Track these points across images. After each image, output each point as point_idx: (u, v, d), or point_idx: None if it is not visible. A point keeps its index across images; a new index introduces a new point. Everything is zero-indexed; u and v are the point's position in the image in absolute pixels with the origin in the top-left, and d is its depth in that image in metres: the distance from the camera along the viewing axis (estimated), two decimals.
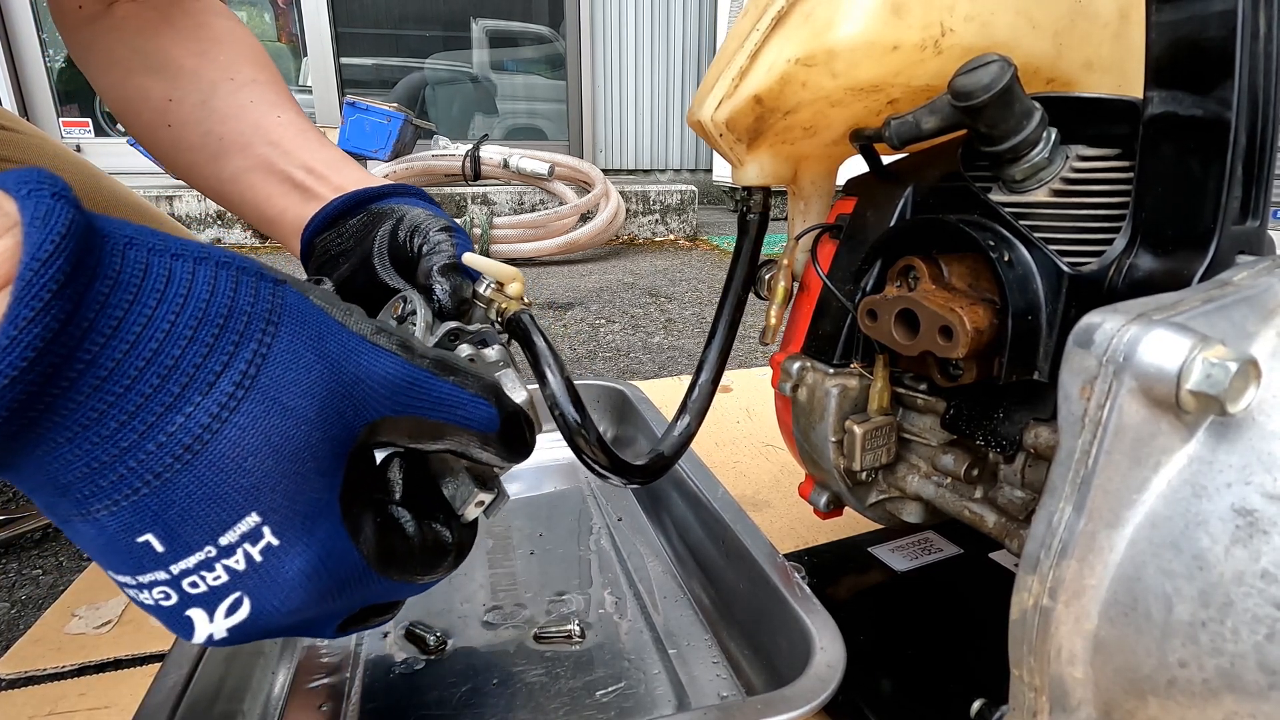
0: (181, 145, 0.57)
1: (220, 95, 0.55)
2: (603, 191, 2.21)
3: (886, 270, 0.42)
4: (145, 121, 0.58)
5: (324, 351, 0.25)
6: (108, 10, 0.58)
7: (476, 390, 0.30)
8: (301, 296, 0.26)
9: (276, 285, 0.25)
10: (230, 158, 0.54)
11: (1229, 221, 0.29)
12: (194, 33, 0.58)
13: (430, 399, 0.28)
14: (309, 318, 0.25)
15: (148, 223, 0.80)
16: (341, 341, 0.26)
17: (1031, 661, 0.26)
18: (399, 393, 0.27)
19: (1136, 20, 0.41)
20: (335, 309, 0.27)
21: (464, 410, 0.29)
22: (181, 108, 0.56)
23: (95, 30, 0.59)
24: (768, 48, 0.39)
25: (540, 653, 0.47)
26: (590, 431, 0.37)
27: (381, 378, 0.27)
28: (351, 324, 0.27)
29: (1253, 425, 0.23)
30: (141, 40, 0.57)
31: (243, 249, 2.23)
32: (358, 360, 0.26)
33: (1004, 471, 0.39)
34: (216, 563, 0.24)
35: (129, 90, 0.58)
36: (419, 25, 3.51)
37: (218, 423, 0.22)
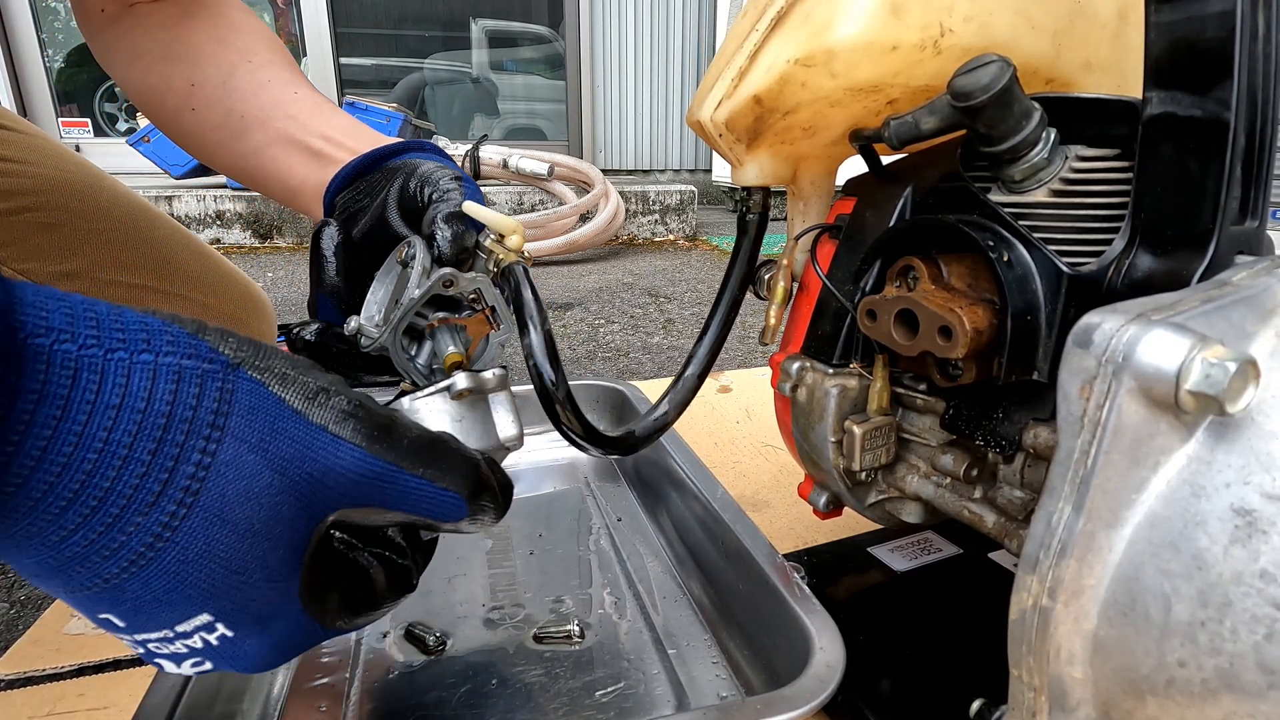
0: (205, 127, 0.58)
1: (239, 75, 0.57)
2: (602, 192, 2.22)
3: (886, 270, 0.42)
4: (170, 108, 0.60)
5: (274, 455, 0.24)
6: (129, 10, 0.60)
7: (450, 484, 0.28)
8: (255, 386, 0.24)
9: (227, 376, 0.23)
10: (252, 134, 0.55)
11: (1228, 221, 0.29)
12: (212, 22, 0.60)
13: (396, 493, 0.27)
14: (260, 414, 0.23)
15: (149, 223, 0.80)
16: (297, 439, 0.24)
17: (1031, 661, 0.26)
18: (362, 488, 0.26)
19: (1135, 21, 0.41)
20: (295, 392, 0.24)
21: (431, 505, 0.28)
22: (203, 90, 0.57)
23: (118, 29, 0.61)
24: (767, 48, 0.39)
25: (540, 653, 0.47)
26: (561, 389, 0.38)
27: (342, 474, 0.25)
28: (313, 413, 0.25)
29: (1251, 425, 0.23)
30: (162, 33, 0.59)
31: (241, 249, 2.23)
32: (315, 458, 0.24)
33: (1003, 471, 0.39)
34: (176, 640, 0.24)
35: (152, 80, 0.60)
36: (418, 25, 3.51)
37: (160, 541, 0.22)
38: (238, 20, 0.61)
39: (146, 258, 0.75)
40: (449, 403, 0.32)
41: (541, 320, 0.37)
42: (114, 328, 0.21)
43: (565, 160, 2.34)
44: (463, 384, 0.32)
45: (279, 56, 0.60)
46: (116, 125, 3.24)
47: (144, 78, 0.60)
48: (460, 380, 0.32)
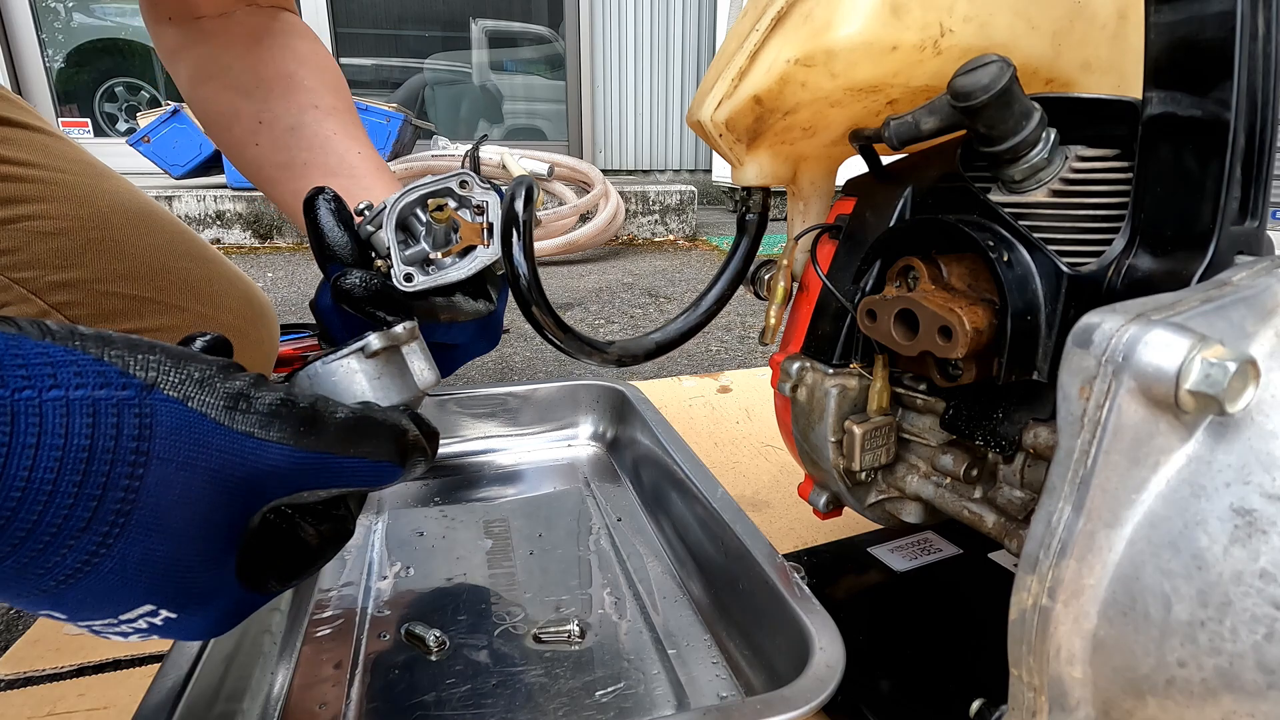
0: (266, 164, 0.62)
1: (307, 124, 0.60)
2: (602, 192, 2.22)
3: (886, 270, 0.42)
4: (235, 136, 0.63)
5: (203, 469, 0.24)
6: (196, 23, 0.62)
7: (382, 456, 0.29)
8: (173, 405, 0.24)
9: (143, 401, 0.23)
10: (313, 180, 0.58)
11: (1228, 222, 0.29)
12: (281, 53, 0.62)
13: (330, 475, 0.28)
14: (183, 432, 0.24)
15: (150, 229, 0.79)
16: (224, 449, 0.25)
17: (1030, 661, 0.26)
18: (296, 478, 0.27)
19: (1135, 21, 0.41)
20: (215, 403, 0.25)
21: (366, 477, 0.29)
22: (271, 131, 0.61)
23: (185, 39, 0.63)
24: (767, 48, 0.39)
25: (540, 653, 0.47)
26: (533, 287, 0.39)
27: (275, 472, 0.26)
28: (237, 420, 0.25)
29: (1251, 425, 0.23)
30: (230, 57, 0.62)
31: (241, 249, 2.23)
32: (244, 462, 0.25)
33: (1003, 471, 0.39)
34: (121, 624, 0.25)
35: (221, 106, 0.63)
36: (418, 25, 3.51)
37: (96, 557, 0.22)
38: (304, 53, 0.63)
39: (145, 268, 0.75)
40: (364, 362, 0.33)
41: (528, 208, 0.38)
42: (14, 365, 0.21)
43: (565, 160, 2.34)
44: (376, 344, 0.33)
45: (342, 102, 0.63)
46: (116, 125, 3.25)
47: (212, 101, 0.63)
48: (374, 341, 0.33)
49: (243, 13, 0.63)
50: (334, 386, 0.33)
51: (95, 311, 0.73)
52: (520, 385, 0.76)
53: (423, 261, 0.41)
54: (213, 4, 0.62)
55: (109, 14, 3.18)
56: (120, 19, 3.22)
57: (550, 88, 3.59)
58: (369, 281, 0.41)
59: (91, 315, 0.73)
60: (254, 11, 0.63)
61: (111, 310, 0.73)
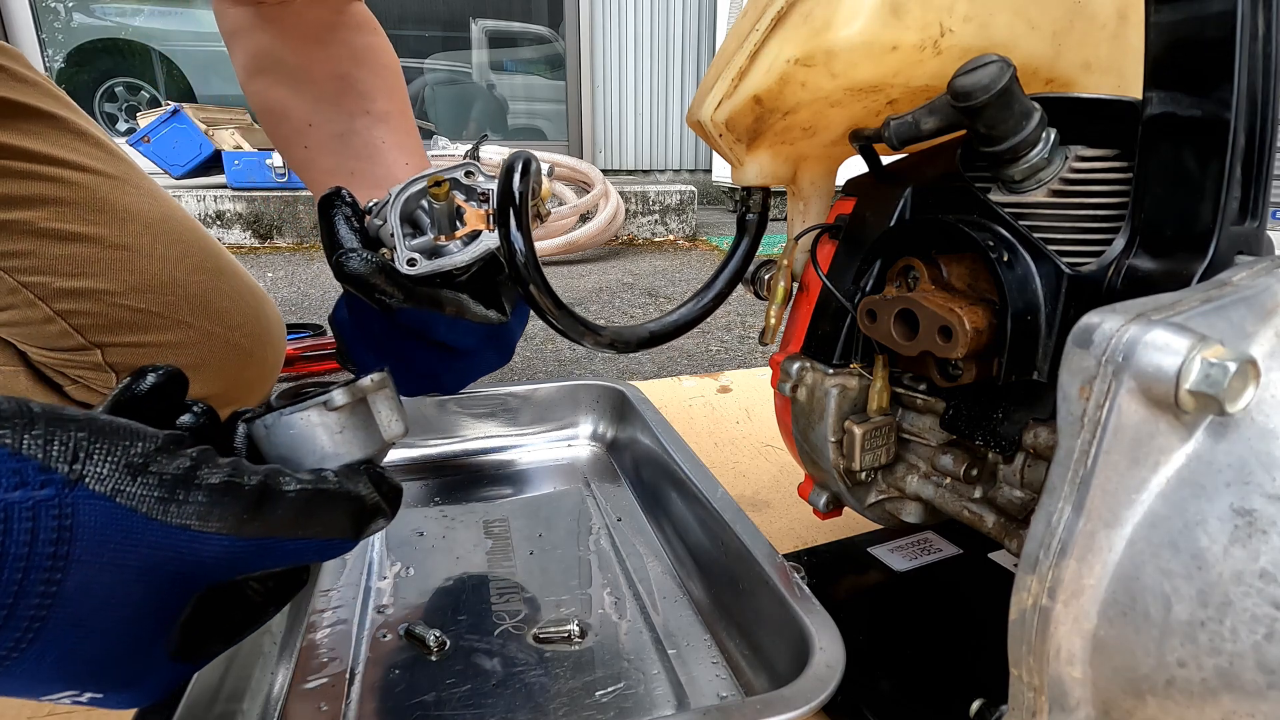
0: (314, 166, 0.61)
1: (358, 131, 0.59)
2: (602, 192, 2.22)
3: (886, 271, 0.42)
4: (283, 134, 0.62)
5: (131, 568, 0.22)
6: (255, 8, 0.61)
7: (334, 533, 0.27)
8: (99, 503, 0.22)
9: (64, 500, 0.21)
10: (359, 192, 0.60)
11: (1228, 222, 0.29)
12: (336, 51, 0.61)
13: (276, 556, 0.26)
14: (109, 532, 0.22)
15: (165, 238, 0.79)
16: (156, 545, 0.23)
17: (1030, 661, 0.26)
18: (238, 564, 0.25)
19: (1135, 21, 0.41)
20: (148, 494, 0.23)
21: (317, 553, 0.27)
22: (320, 135, 0.60)
23: (244, 20, 0.61)
24: (767, 48, 0.39)
25: (540, 653, 0.47)
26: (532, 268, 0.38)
27: (214, 562, 0.24)
28: (172, 513, 0.23)
29: (1251, 425, 0.23)
30: (285, 51, 0.61)
31: (241, 249, 2.23)
32: (180, 557, 0.23)
33: (1003, 472, 0.39)
34: (43, 698, 0.24)
35: (271, 101, 0.62)
36: (419, 25, 3.52)
37: (9, 659, 0.21)
38: (359, 50, 0.62)
39: (156, 281, 0.74)
40: (326, 415, 0.31)
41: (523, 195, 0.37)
42: None
43: (565, 160, 2.34)
44: (339, 399, 0.31)
45: (395, 104, 0.62)
46: (116, 125, 3.25)
47: (265, 94, 0.63)
48: (337, 396, 0.31)
49: (304, 2, 0.60)
50: (292, 440, 0.30)
51: (101, 322, 0.72)
52: (520, 385, 0.76)
53: (429, 251, 0.41)
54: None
55: (109, 14, 3.18)
56: (120, 19, 3.22)
57: (550, 88, 3.59)
58: (370, 261, 0.40)
59: (97, 325, 0.72)
60: (317, 1, 0.61)
61: (117, 321, 0.73)
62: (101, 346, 0.73)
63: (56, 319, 0.71)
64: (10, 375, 0.76)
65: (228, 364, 0.78)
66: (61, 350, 0.73)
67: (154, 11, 3.25)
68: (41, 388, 0.76)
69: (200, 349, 0.77)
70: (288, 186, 2.29)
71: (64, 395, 0.77)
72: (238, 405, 0.89)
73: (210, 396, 0.79)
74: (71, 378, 0.76)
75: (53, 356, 0.74)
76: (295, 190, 2.28)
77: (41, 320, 0.71)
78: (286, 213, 2.27)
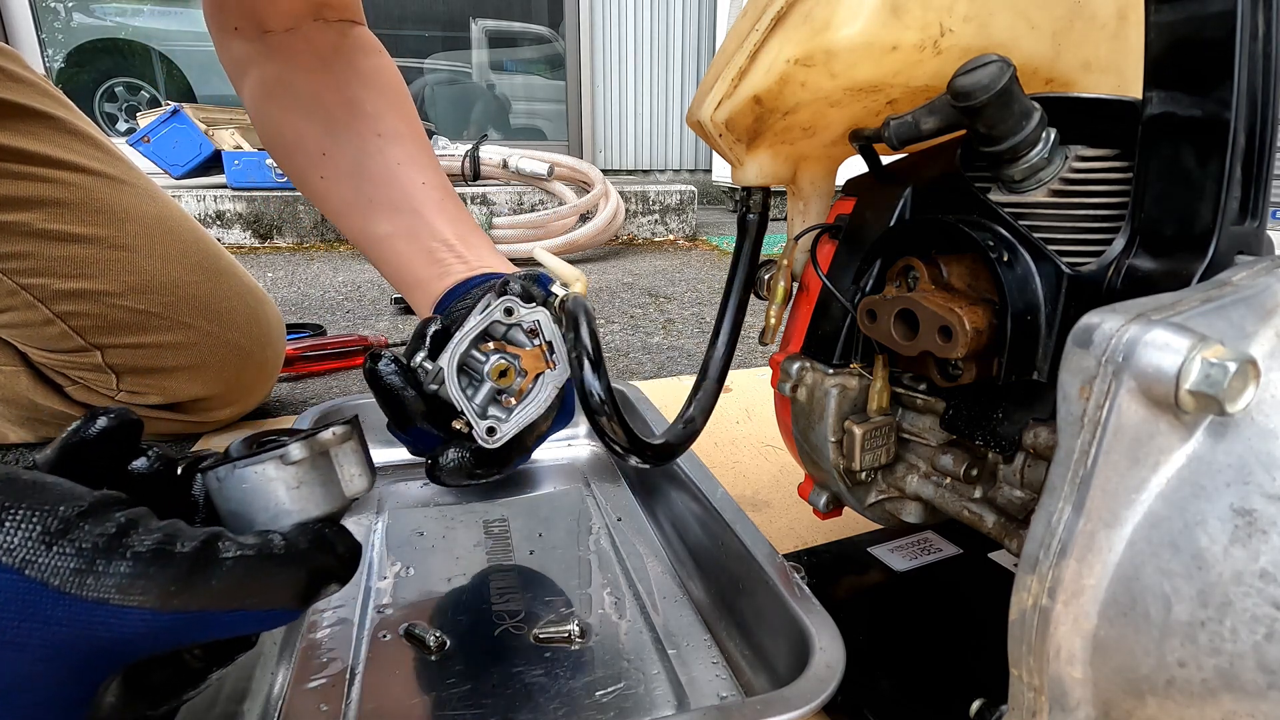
0: (332, 197, 0.61)
1: (371, 155, 0.59)
2: (602, 192, 2.21)
3: (886, 270, 0.42)
4: (298, 165, 0.62)
5: (35, 646, 0.20)
6: (261, 38, 0.61)
7: (276, 603, 0.25)
8: (7, 576, 0.20)
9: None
10: (378, 219, 0.58)
11: (1228, 222, 0.29)
12: (345, 76, 0.61)
13: (208, 628, 0.23)
14: (11, 607, 0.20)
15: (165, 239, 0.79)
16: (66, 621, 0.21)
17: (1030, 661, 0.26)
18: (163, 639, 0.23)
19: (1135, 21, 0.41)
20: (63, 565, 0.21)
21: (256, 625, 0.25)
22: (336, 164, 0.60)
23: (251, 52, 0.62)
24: (767, 48, 0.39)
25: (540, 653, 0.47)
26: (607, 400, 0.39)
27: (133, 639, 0.22)
28: (87, 587, 0.21)
29: (1251, 425, 0.23)
30: (295, 77, 0.61)
31: (241, 249, 2.24)
32: (93, 635, 0.21)
33: (1003, 472, 0.39)
34: None
35: (285, 130, 0.62)
36: (419, 25, 3.51)
37: None
38: (368, 73, 0.63)
39: (156, 282, 0.74)
40: (282, 470, 0.29)
41: (594, 344, 0.38)
42: None
43: (565, 160, 2.34)
44: (297, 454, 0.29)
45: (405, 123, 0.62)
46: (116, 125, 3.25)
47: (276, 123, 0.62)
48: (294, 450, 0.29)
49: (310, 28, 0.61)
50: (244, 495, 0.28)
51: (100, 324, 0.72)
52: None
53: (494, 398, 0.41)
54: (280, 17, 0.60)
55: (109, 14, 3.18)
56: (120, 19, 3.22)
57: (550, 88, 3.59)
58: (463, 460, 0.41)
59: (96, 327, 0.72)
60: (322, 27, 0.61)
61: (117, 323, 0.73)
62: (101, 348, 0.73)
63: (56, 321, 0.71)
64: (11, 375, 0.76)
65: (227, 364, 0.79)
66: (62, 352, 0.73)
67: (154, 11, 3.25)
68: (43, 388, 0.77)
69: (200, 349, 0.77)
70: (288, 186, 2.29)
71: (65, 396, 0.77)
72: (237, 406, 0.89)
73: (210, 397, 0.79)
74: (72, 379, 0.76)
75: (53, 358, 0.74)
76: (295, 190, 2.28)
77: (41, 322, 0.71)
78: (286, 213, 2.27)
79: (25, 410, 0.78)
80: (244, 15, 0.60)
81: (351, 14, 0.65)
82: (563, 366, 0.40)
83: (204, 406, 0.80)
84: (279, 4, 0.60)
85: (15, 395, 0.77)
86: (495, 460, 0.43)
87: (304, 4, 0.61)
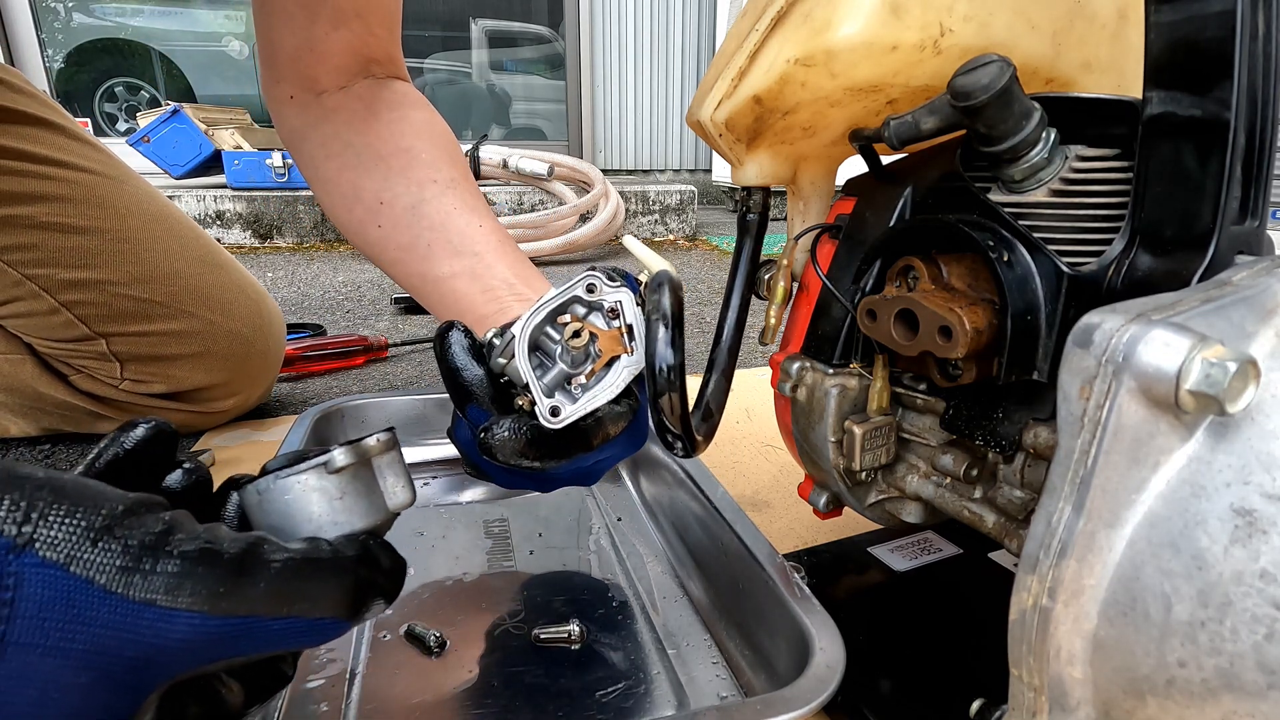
0: (389, 244, 0.61)
1: (428, 199, 0.59)
2: (602, 192, 2.21)
3: (886, 270, 0.42)
4: (357, 219, 0.62)
5: (78, 653, 0.19)
6: (317, 100, 0.62)
7: (325, 612, 0.24)
8: (47, 572, 0.19)
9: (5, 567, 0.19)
10: (438, 262, 0.58)
11: (1228, 221, 0.29)
12: (397, 126, 0.62)
13: (255, 640, 0.22)
14: (55, 608, 0.19)
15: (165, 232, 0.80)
16: (111, 624, 0.20)
17: (1031, 661, 0.26)
18: (209, 650, 0.22)
19: (1135, 21, 0.41)
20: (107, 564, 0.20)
21: (303, 638, 0.24)
22: (392, 211, 0.60)
23: (306, 119, 0.63)
24: (767, 48, 0.39)
25: (540, 653, 0.47)
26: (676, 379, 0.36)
27: (179, 647, 0.21)
28: (134, 587, 0.20)
29: (1252, 425, 0.23)
30: (351, 134, 0.61)
31: (241, 249, 2.24)
32: (139, 640, 0.20)
33: (1003, 471, 0.39)
34: None
35: (343, 186, 0.62)
36: (418, 25, 3.51)
37: None
38: (419, 123, 0.63)
39: (159, 271, 0.76)
40: (325, 479, 0.28)
41: (676, 314, 0.35)
42: None
43: (565, 160, 2.34)
44: (341, 460, 0.28)
45: (459, 171, 0.62)
46: (116, 125, 3.24)
47: (334, 181, 0.63)
48: (338, 457, 0.28)
49: (361, 85, 0.62)
50: (285, 507, 0.27)
51: (105, 312, 0.73)
52: None
53: (563, 383, 0.38)
54: (333, 77, 0.61)
55: (109, 14, 3.18)
56: (120, 19, 3.22)
57: (550, 88, 3.59)
58: (519, 432, 0.37)
59: (101, 315, 0.73)
60: (372, 84, 0.62)
61: (121, 311, 0.74)
62: (106, 336, 0.75)
63: (61, 310, 0.72)
64: (16, 363, 0.77)
65: (232, 353, 0.80)
66: (67, 341, 0.75)
67: (154, 11, 3.25)
68: (47, 377, 0.78)
69: (204, 338, 0.78)
70: (288, 186, 2.29)
71: (69, 385, 0.78)
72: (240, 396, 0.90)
73: (214, 386, 0.80)
74: (76, 367, 0.77)
75: (58, 347, 0.75)
76: (295, 190, 2.28)
77: (47, 311, 0.72)
78: (287, 213, 2.27)
79: (28, 400, 0.79)
80: (298, 80, 0.61)
81: (397, 70, 0.65)
82: (640, 353, 0.37)
83: (207, 396, 0.81)
84: (329, 62, 0.60)
85: (19, 384, 0.77)
86: (552, 445, 0.38)
87: (354, 61, 0.61)
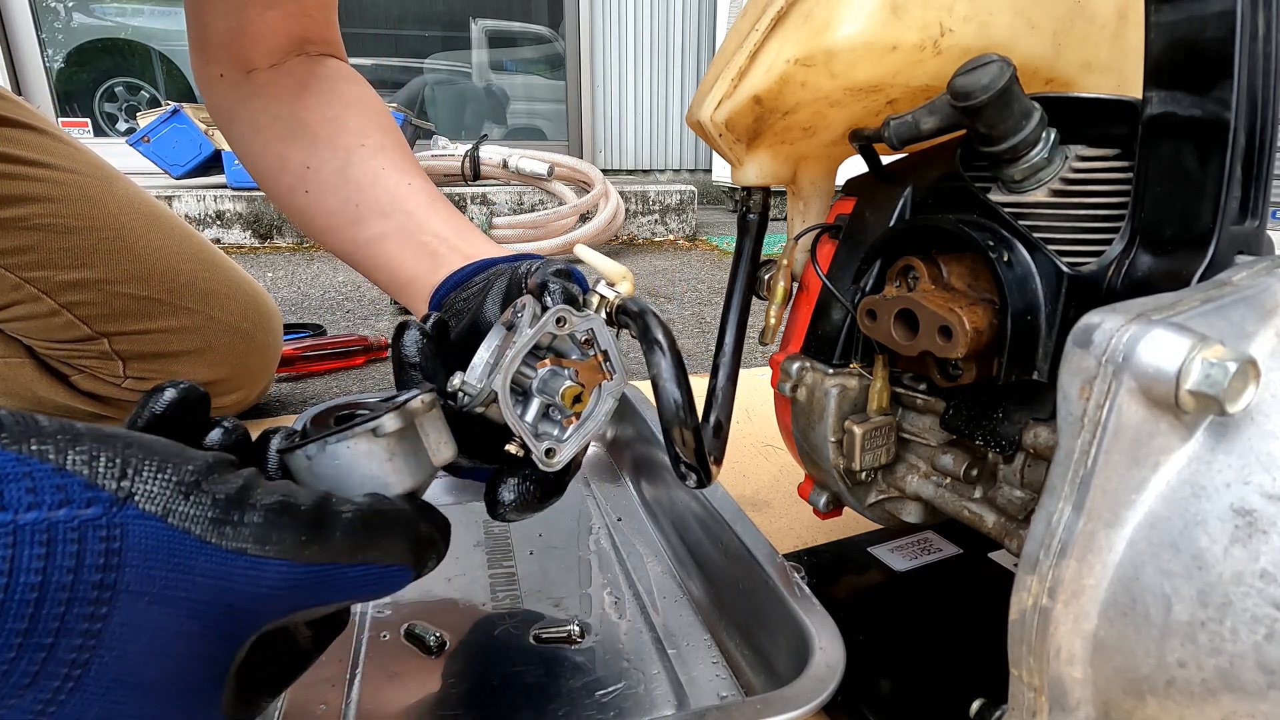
0: (318, 210, 0.60)
1: (355, 163, 0.58)
2: (602, 192, 2.21)
3: (886, 270, 0.42)
4: (285, 187, 0.61)
5: (182, 601, 0.20)
6: (247, 78, 0.62)
7: (394, 559, 0.25)
8: (149, 524, 0.20)
9: (112, 519, 0.19)
10: (367, 224, 0.57)
11: (1228, 221, 0.29)
12: (326, 98, 0.61)
13: (335, 588, 0.24)
14: (159, 557, 0.20)
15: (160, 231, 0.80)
16: (210, 573, 0.21)
17: (1031, 661, 0.26)
18: (294, 597, 0.23)
19: (1135, 21, 0.41)
20: (201, 516, 0.21)
21: (376, 586, 0.25)
22: (319, 175, 0.59)
23: (237, 96, 0.62)
24: (767, 48, 0.39)
25: (540, 653, 0.47)
26: (690, 418, 0.37)
27: (270, 594, 0.22)
28: (227, 537, 0.21)
29: (1251, 425, 0.23)
30: (279, 107, 0.61)
31: (241, 249, 2.23)
32: (235, 588, 0.21)
33: (1003, 471, 0.39)
34: None
35: (269, 158, 0.62)
36: (418, 25, 3.51)
37: (43, 716, 0.19)
38: (349, 95, 0.63)
39: (155, 269, 0.76)
40: (375, 442, 0.28)
41: (669, 343, 0.36)
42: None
43: (565, 160, 2.34)
44: (391, 424, 0.28)
45: (390, 139, 0.61)
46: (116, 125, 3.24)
47: (261, 154, 0.62)
48: (388, 421, 0.28)
49: (293, 62, 0.62)
50: (336, 471, 0.28)
51: (105, 311, 0.74)
52: None
53: (545, 413, 0.37)
54: (264, 54, 0.61)
55: (109, 14, 3.18)
56: (120, 19, 3.22)
57: (550, 88, 3.59)
58: (527, 491, 0.36)
59: (102, 315, 0.74)
60: (304, 60, 0.62)
61: (121, 310, 0.74)
62: (108, 335, 0.75)
63: (62, 311, 0.73)
64: (16, 366, 0.77)
65: (232, 347, 0.80)
66: (69, 342, 0.75)
67: (154, 11, 3.25)
68: (47, 379, 0.78)
69: (204, 334, 0.78)
70: None
71: (70, 386, 0.78)
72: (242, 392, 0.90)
73: (215, 381, 0.80)
74: (77, 368, 0.77)
75: (60, 348, 0.76)
76: None
77: (47, 313, 0.72)
78: None
79: (28, 403, 0.79)
80: (229, 59, 0.61)
81: (333, 49, 0.65)
82: (619, 375, 0.37)
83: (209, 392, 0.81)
84: (262, 41, 0.60)
85: (18, 387, 0.78)
86: (553, 485, 0.38)
87: (287, 39, 0.61)
